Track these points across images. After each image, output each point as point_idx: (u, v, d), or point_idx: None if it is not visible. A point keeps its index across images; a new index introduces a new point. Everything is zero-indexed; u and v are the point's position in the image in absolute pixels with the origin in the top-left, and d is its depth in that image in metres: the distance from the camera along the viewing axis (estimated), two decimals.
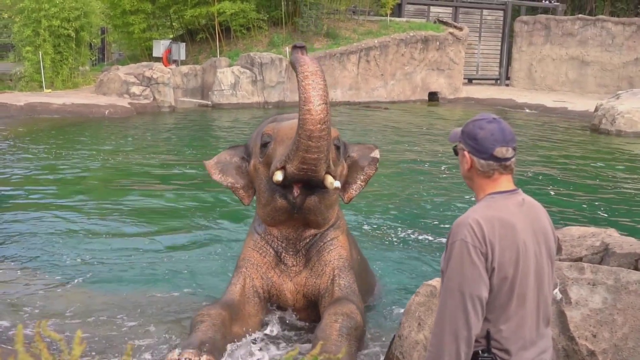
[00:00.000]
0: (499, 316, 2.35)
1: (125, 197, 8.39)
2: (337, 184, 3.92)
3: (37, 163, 10.32)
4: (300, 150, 3.64)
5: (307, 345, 3.81)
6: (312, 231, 4.28)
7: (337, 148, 4.22)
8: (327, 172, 3.88)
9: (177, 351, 3.38)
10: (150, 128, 15.24)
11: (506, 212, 2.37)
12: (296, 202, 3.96)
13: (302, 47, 3.70)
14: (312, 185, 3.92)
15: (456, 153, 2.52)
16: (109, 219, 7.33)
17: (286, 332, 4.28)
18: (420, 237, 6.86)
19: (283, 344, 4.09)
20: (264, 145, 4.14)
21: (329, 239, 4.29)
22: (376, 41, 21.85)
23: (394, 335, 3.80)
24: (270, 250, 4.30)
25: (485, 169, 2.44)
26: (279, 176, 3.83)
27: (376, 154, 4.55)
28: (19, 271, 5.59)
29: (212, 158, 4.58)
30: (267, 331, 4.19)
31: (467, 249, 2.30)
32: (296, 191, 3.92)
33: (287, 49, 20.54)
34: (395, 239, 6.81)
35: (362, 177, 4.48)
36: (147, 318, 4.63)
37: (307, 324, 4.31)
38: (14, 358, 1.12)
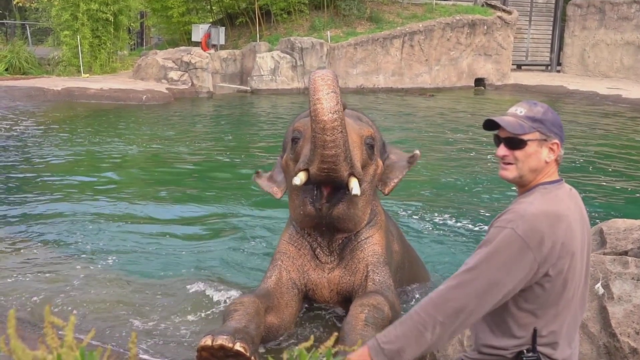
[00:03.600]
0: (550, 313, 2.32)
1: (162, 184, 8.49)
2: (356, 190, 3.86)
3: (73, 148, 10.48)
4: (317, 147, 3.63)
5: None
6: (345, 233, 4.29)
7: (371, 147, 4.20)
8: (352, 174, 3.86)
9: (210, 337, 3.39)
10: (188, 114, 15.37)
11: (563, 206, 2.33)
12: (322, 209, 3.97)
13: None
14: (337, 186, 3.91)
15: (520, 144, 2.38)
16: (145, 205, 7.41)
17: (316, 327, 4.29)
18: (459, 228, 6.81)
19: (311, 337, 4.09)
20: (294, 141, 4.16)
21: (362, 238, 4.28)
22: (421, 25, 21.65)
23: None
24: (306, 244, 4.32)
25: (562, 159, 2.44)
26: (297, 180, 3.84)
27: (416, 153, 4.56)
28: (53, 255, 5.69)
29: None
30: (298, 324, 4.21)
31: (516, 241, 2.25)
32: (324, 199, 3.94)
33: (329, 33, 20.51)
34: (433, 229, 6.77)
35: (398, 175, 4.49)
36: (180, 305, 4.68)
37: (339, 318, 4.31)
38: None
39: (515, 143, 2.38)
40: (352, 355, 2.30)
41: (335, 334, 1.66)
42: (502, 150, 2.42)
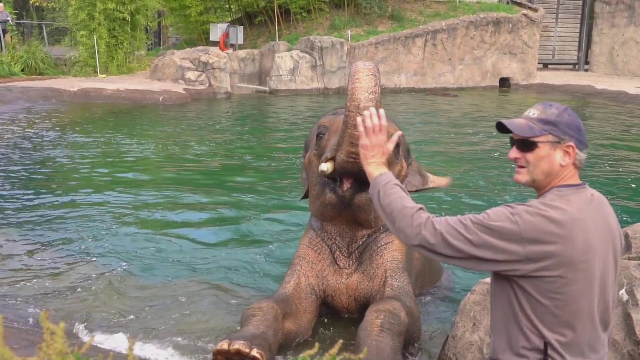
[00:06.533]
0: (560, 324, 2.30)
1: (178, 185, 8.50)
2: None
3: (88, 150, 10.55)
4: (349, 127, 3.56)
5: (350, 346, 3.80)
6: (366, 232, 4.27)
7: (397, 146, 4.17)
8: None
9: (226, 341, 3.39)
10: (205, 115, 15.41)
11: (575, 211, 2.30)
12: (345, 195, 3.92)
13: None
14: (363, 179, 3.88)
15: (531, 147, 2.38)
16: (160, 207, 7.43)
17: (332, 333, 4.29)
18: None
19: (328, 344, 4.09)
20: (319, 137, 4.15)
21: (382, 243, 4.27)
22: (444, 23, 21.59)
23: (448, 336, 3.76)
24: (326, 248, 4.31)
25: (582, 163, 2.40)
26: (323, 166, 3.79)
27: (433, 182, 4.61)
28: (67, 257, 5.73)
29: None
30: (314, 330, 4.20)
31: (509, 226, 2.27)
32: (346, 185, 3.90)
33: (349, 32, 20.50)
34: None
35: (422, 180, 4.52)
36: (194, 309, 4.69)
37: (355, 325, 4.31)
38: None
39: (526, 145, 2.39)
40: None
41: (340, 341, 1.65)
42: (513, 152, 2.44)
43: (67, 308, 4.65)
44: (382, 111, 2.77)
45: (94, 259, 5.73)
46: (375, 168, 2.68)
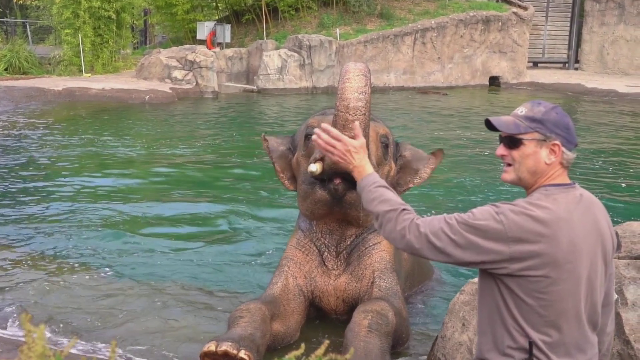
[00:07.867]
0: (545, 323, 2.31)
1: (164, 186, 8.49)
2: None
3: (73, 150, 10.51)
4: (338, 126, 3.56)
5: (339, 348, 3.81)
6: (355, 231, 4.28)
7: (386, 147, 4.24)
8: None
9: (214, 343, 3.39)
10: (192, 114, 15.38)
11: (561, 211, 2.31)
12: (338, 189, 3.91)
13: None
14: (351, 179, 3.89)
15: (517, 144, 2.41)
16: (146, 208, 7.41)
17: (322, 334, 4.29)
18: None
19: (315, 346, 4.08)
20: (307, 138, 4.15)
21: (371, 244, 4.29)
22: (433, 22, 21.64)
23: (437, 336, 3.77)
24: (314, 248, 4.32)
25: (570, 162, 2.41)
26: (312, 167, 3.78)
27: (434, 157, 4.54)
28: (47, 258, 5.70)
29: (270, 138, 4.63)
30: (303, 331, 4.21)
31: (494, 225, 2.28)
32: (337, 180, 3.90)
33: (338, 31, 20.51)
34: None
35: (415, 180, 4.47)
36: (183, 311, 4.68)
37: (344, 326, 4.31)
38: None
39: (512, 142, 2.41)
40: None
41: (327, 342, 1.66)
42: (500, 149, 2.47)
43: (47, 311, 4.61)
44: (324, 125, 2.80)
45: (75, 260, 5.71)
46: (358, 173, 2.70)
